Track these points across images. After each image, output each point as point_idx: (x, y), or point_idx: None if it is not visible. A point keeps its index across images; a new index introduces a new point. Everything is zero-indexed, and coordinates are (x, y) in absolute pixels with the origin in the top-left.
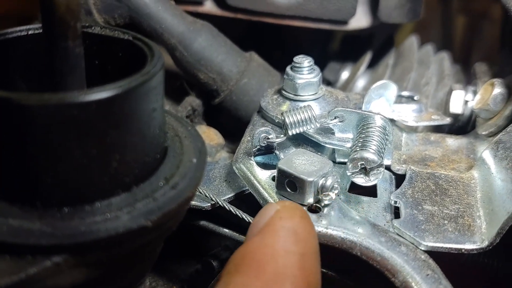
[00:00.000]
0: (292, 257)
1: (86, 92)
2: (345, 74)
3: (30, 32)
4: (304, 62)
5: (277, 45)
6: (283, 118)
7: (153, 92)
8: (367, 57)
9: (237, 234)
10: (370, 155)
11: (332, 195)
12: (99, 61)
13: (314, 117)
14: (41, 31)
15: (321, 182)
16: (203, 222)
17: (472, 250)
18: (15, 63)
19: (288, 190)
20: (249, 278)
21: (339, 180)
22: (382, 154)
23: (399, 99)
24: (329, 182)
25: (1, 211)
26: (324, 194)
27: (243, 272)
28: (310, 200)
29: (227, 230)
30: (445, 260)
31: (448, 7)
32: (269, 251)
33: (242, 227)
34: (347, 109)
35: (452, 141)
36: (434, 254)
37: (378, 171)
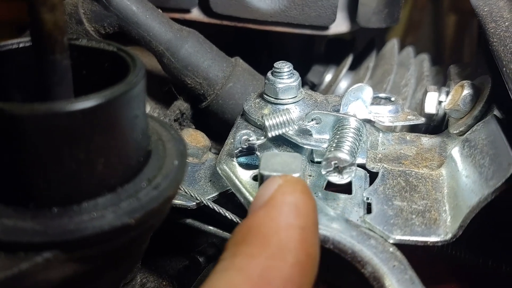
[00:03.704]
0: (294, 230)
1: (72, 102)
2: (328, 77)
3: (21, 45)
4: (284, 67)
5: (264, 48)
6: (263, 121)
7: (135, 100)
8: (349, 60)
9: (221, 231)
10: (342, 154)
11: None
12: (87, 71)
13: (292, 119)
14: (29, 44)
15: None
16: (189, 221)
17: (437, 242)
18: (9, 75)
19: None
20: (255, 249)
21: None
22: (355, 154)
23: (377, 100)
24: None
25: None
26: None
27: (250, 243)
28: None
29: (212, 228)
30: (416, 252)
31: (438, 6)
32: (273, 225)
33: (226, 225)
34: (323, 112)
35: (426, 140)
36: (405, 246)
37: (351, 170)
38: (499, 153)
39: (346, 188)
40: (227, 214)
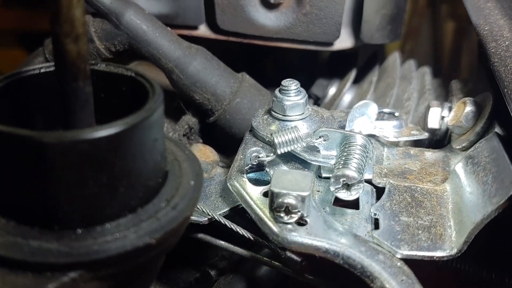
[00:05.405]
0: None
1: (97, 129)
2: (332, 90)
3: (42, 71)
4: (291, 85)
5: (269, 61)
6: (272, 138)
7: (155, 125)
8: (352, 74)
9: (232, 246)
10: (351, 172)
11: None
12: (105, 94)
13: (300, 137)
14: (50, 69)
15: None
16: (201, 235)
17: (443, 257)
18: (31, 98)
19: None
20: None
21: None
22: (362, 171)
23: (381, 115)
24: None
25: (23, 234)
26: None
27: None
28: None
29: (223, 242)
30: (423, 266)
31: (436, 13)
32: None
33: (237, 239)
34: (330, 129)
35: (430, 155)
36: (412, 260)
37: (359, 187)
38: (501, 171)
39: (354, 203)
40: (238, 230)
